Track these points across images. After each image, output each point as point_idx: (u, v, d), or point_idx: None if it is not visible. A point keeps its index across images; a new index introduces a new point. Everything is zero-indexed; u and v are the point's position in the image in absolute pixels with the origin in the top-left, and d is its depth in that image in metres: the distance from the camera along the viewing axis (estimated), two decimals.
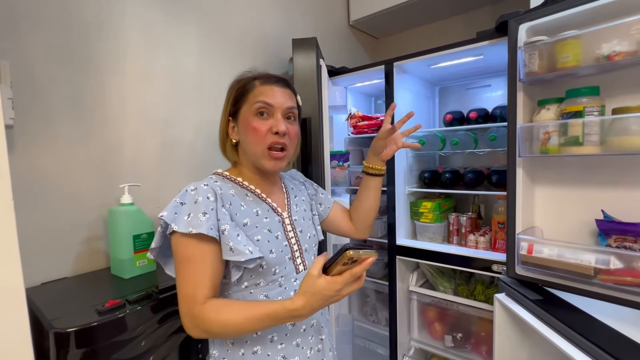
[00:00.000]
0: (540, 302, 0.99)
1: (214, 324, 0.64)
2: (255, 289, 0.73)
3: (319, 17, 1.87)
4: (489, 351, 1.45)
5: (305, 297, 0.61)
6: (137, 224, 0.94)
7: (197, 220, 0.66)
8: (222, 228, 0.68)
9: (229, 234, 0.67)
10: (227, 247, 0.67)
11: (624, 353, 0.74)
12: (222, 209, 0.70)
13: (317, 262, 0.62)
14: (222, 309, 0.65)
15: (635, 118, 0.86)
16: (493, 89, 1.73)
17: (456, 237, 1.59)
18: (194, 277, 0.66)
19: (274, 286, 0.74)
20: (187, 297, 0.66)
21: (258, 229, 0.74)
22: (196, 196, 0.68)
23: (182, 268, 0.67)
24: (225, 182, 0.77)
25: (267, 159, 0.75)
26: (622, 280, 0.88)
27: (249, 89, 0.77)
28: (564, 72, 0.95)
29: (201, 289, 0.66)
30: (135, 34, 1.11)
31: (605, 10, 0.89)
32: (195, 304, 0.65)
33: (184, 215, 0.66)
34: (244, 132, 0.76)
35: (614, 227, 0.96)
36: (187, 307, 0.66)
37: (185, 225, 0.65)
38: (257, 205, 0.77)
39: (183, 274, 0.67)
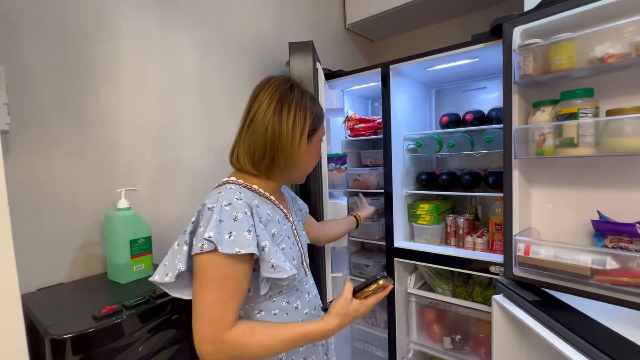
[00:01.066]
0: (538, 303, 0.99)
1: (248, 349, 0.62)
2: (278, 297, 0.74)
3: (315, 20, 1.88)
4: (488, 353, 1.45)
5: (339, 318, 0.69)
6: (134, 228, 0.94)
7: (244, 240, 0.62)
8: (263, 245, 0.66)
9: (269, 251, 0.66)
10: (269, 265, 0.66)
11: (621, 353, 0.74)
12: (260, 224, 0.68)
13: (349, 287, 0.73)
14: (256, 332, 0.64)
15: (629, 119, 0.86)
16: (489, 91, 1.74)
17: (454, 238, 1.59)
18: (225, 299, 0.62)
19: (292, 292, 0.76)
20: (213, 322, 0.61)
21: (282, 237, 0.75)
22: (233, 212, 0.64)
23: (211, 289, 0.62)
24: (246, 192, 0.72)
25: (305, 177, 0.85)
26: (618, 280, 0.88)
27: (322, 116, 0.82)
28: (558, 75, 0.96)
29: (231, 312, 0.62)
30: (132, 39, 1.11)
31: (599, 13, 0.90)
32: (224, 328, 0.61)
33: (225, 234, 0.62)
34: (311, 155, 0.81)
35: (609, 227, 0.96)
36: (213, 332, 0.61)
37: (229, 245, 0.61)
38: (277, 213, 0.77)
39: (210, 295, 0.61)
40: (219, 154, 1.37)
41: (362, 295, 0.73)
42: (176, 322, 0.81)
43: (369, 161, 1.99)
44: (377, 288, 0.73)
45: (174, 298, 0.80)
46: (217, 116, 1.37)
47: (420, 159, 1.80)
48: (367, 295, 0.73)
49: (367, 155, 2.01)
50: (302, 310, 0.77)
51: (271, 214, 0.74)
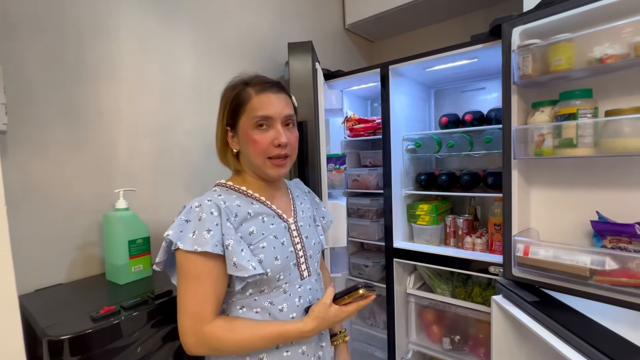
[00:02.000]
0: (537, 304, 0.99)
1: (226, 343, 0.66)
2: (259, 295, 0.73)
3: (314, 21, 1.88)
4: (487, 353, 1.45)
5: (316, 321, 0.71)
6: (132, 229, 0.93)
7: (202, 238, 0.66)
8: (227, 243, 0.68)
9: (232, 249, 0.68)
10: (231, 263, 0.67)
11: (620, 354, 0.74)
12: (226, 223, 0.69)
13: (329, 293, 0.74)
14: (235, 328, 0.68)
15: (628, 120, 0.86)
16: (488, 92, 1.74)
17: (453, 239, 1.59)
18: (200, 294, 0.66)
19: (278, 292, 0.74)
20: (192, 315, 0.66)
21: (264, 236, 0.74)
22: (200, 213, 0.68)
23: (187, 285, 0.67)
24: (229, 193, 0.76)
25: (269, 167, 0.76)
26: (617, 281, 0.88)
27: (245, 99, 0.75)
28: (557, 75, 0.96)
29: (208, 306, 0.67)
30: (131, 39, 1.11)
31: (597, 14, 0.90)
32: (202, 321, 0.66)
33: (189, 232, 0.66)
34: (244, 144, 0.76)
35: (608, 228, 0.96)
36: (193, 325, 0.66)
37: (190, 243, 0.65)
38: (263, 212, 0.77)
39: (187, 291, 0.67)
40: None
41: (342, 302, 0.74)
42: (175, 322, 0.81)
43: (369, 161, 1.99)
44: (356, 297, 0.73)
45: (172, 298, 0.80)
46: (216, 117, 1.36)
47: (419, 159, 1.80)
48: (346, 302, 0.74)
49: (367, 155, 2.00)
50: (288, 314, 0.74)
51: (252, 212, 0.75)
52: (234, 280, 0.71)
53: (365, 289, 0.73)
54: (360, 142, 2.01)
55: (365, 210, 1.84)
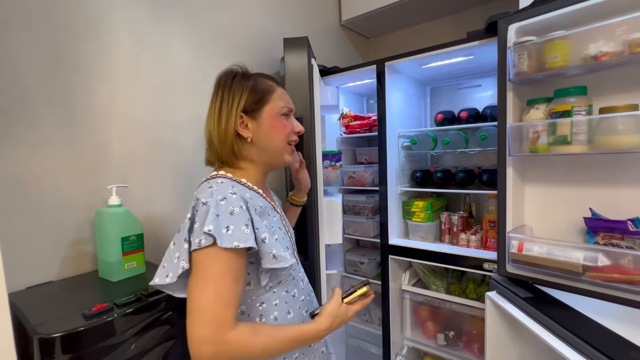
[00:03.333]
0: (531, 300, 1.00)
1: (252, 349, 0.61)
2: (277, 287, 0.75)
3: (310, 16, 1.87)
4: (481, 349, 1.47)
5: (330, 319, 0.71)
6: (125, 225, 0.92)
7: (242, 234, 0.62)
8: (262, 237, 0.67)
9: (269, 242, 0.68)
10: (270, 256, 0.67)
11: (612, 349, 0.75)
12: (256, 216, 0.68)
13: (339, 293, 0.76)
14: (259, 332, 0.63)
15: (622, 117, 0.87)
16: (483, 89, 1.75)
17: (448, 236, 1.60)
18: (225, 296, 0.60)
19: (289, 280, 0.78)
20: (215, 321, 0.58)
21: (274, 229, 0.76)
22: (229, 206, 0.64)
23: (209, 286, 0.59)
24: (237, 185, 0.73)
25: (288, 153, 0.82)
26: (609, 277, 0.89)
27: (270, 88, 0.79)
28: (553, 72, 0.96)
29: (232, 310, 0.60)
30: (123, 34, 1.09)
31: (592, 11, 0.90)
32: (226, 327, 0.58)
33: (223, 228, 0.61)
34: (269, 130, 0.77)
35: (601, 224, 0.97)
36: (215, 333, 0.57)
37: (228, 240, 0.60)
38: (267, 206, 0.78)
39: (209, 292, 0.59)
40: None
41: (348, 299, 0.77)
42: (169, 320, 0.80)
43: (364, 158, 1.98)
44: (362, 294, 0.78)
45: (166, 296, 0.80)
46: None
47: (415, 156, 1.80)
48: (352, 300, 0.77)
49: (362, 152, 2.00)
50: (299, 297, 0.80)
51: (263, 206, 0.75)
52: (259, 275, 0.71)
53: (369, 287, 0.78)
54: (356, 139, 2.01)
55: (360, 207, 1.84)
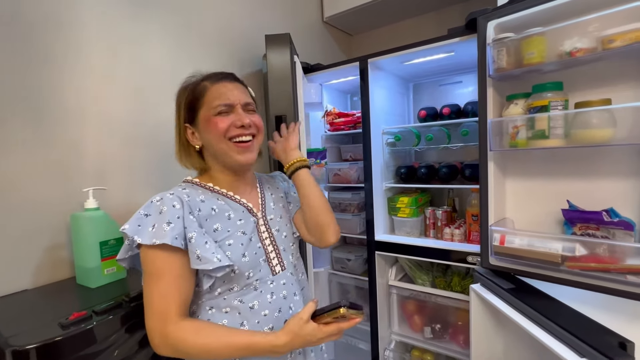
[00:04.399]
0: (513, 291, 1.02)
1: (191, 346, 0.63)
2: (229, 294, 0.71)
3: (292, 13, 1.85)
4: (466, 340, 1.50)
5: (289, 336, 0.65)
6: (104, 229, 0.89)
7: (162, 231, 0.64)
8: (189, 236, 0.66)
9: (196, 242, 0.66)
10: (195, 256, 0.66)
11: (588, 335, 0.78)
12: (189, 216, 0.68)
13: (309, 308, 0.67)
14: (202, 331, 0.65)
15: (596, 112, 0.90)
16: (464, 85, 1.77)
17: (432, 230, 1.62)
18: (165, 292, 0.64)
19: (248, 290, 0.73)
20: (158, 314, 0.64)
21: (230, 233, 0.73)
22: (161, 206, 0.66)
23: (151, 282, 0.65)
24: (195, 189, 0.75)
25: (235, 152, 0.74)
26: (586, 266, 0.92)
27: (202, 91, 0.75)
28: (530, 68, 0.98)
29: (173, 306, 0.65)
30: (97, 29, 1.05)
31: (567, 8, 0.92)
32: (168, 321, 0.64)
33: (149, 226, 0.65)
34: (206, 133, 0.74)
35: (578, 216, 1.00)
36: (158, 324, 0.64)
37: (149, 237, 0.63)
38: (229, 209, 0.76)
39: (152, 288, 0.65)
40: None
41: (322, 319, 0.67)
42: None
43: (349, 155, 1.99)
44: (337, 315, 0.65)
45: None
46: None
47: (399, 152, 1.82)
48: (326, 321, 0.67)
49: (347, 149, 2.00)
50: (260, 311, 0.72)
51: (217, 209, 0.74)
52: (202, 278, 0.69)
53: (349, 310, 0.65)
54: (340, 136, 2.01)
55: (346, 205, 1.84)
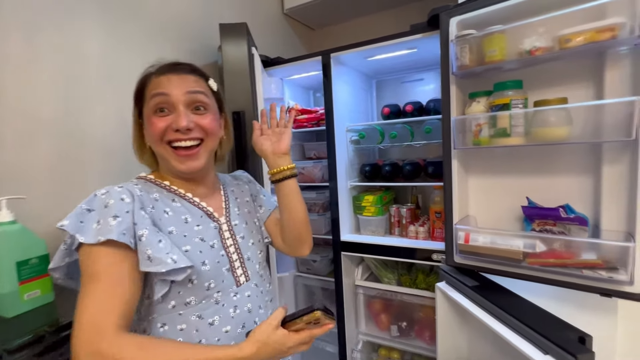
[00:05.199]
0: (477, 288, 1.03)
1: None
2: (185, 309, 0.62)
3: (250, 2, 1.74)
4: (432, 336, 1.51)
5: (256, 346, 0.57)
6: (22, 246, 0.74)
7: (107, 226, 0.55)
8: (140, 233, 0.57)
9: (147, 240, 0.57)
10: (145, 256, 0.56)
11: (549, 329, 0.79)
12: (140, 211, 0.59)
13: (278, 314, 0.61)
14: (147, 348, 0.52)
15: (554, 110, 0.91)
16: (426, 83, 1.78)
17: (397, 228, 1.61)
18: (102, 298, 0.52)
19: (208, 304, 0.64)
20: (88, 326, 0.50)
21: (187, 238, 0.64)
22: (107, 199, 0.57)
23: (87, 288, 0.53)
24: (149, 185, 0.67)
25: (175, 160, 0.65)
26: (546, 262, 0.94)
27: (145, 83, 0.67)
28: (492, 66, 0.98)
29: (109, 316, 0.52)
30: (12, 9, 0.88)
31: (527, 7, 0.93)
32: (101, 335, 0.50)
33: (92, 223, 0.55)
34: (146, 132, 0.67)
35: (536, 212, 1.03)
36: (89, 339, 0.50)
37: (93, 235, 0.54)
38: (186, 212, 0.68)
39: (86, 295, 0.53)
40: None
41: (293, 326, 0.60)
42: None
43: (313, 154, 1.93)
44: (311, 320, 0.60)
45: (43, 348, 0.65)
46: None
47: (363, 150, 1.79)
48: (298, 327, 0.61)
49: (311, 147, 1.94)
50: (221, 327, 0.64)
51: (171, 211, 0.66)
52: (154, 285, 0.59)
53: (323, 313, 0.59)
54: (303, 133, 1.94)
55: (311, 204, 1.79)
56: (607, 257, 0.87)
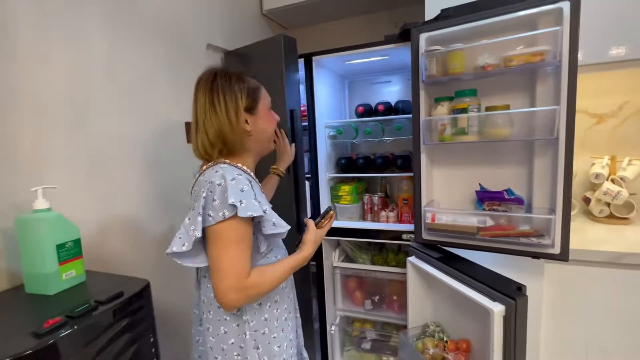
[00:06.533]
0: (441, 259, 1.26)
1: (264, 285, 0.80)
2: (270, 253, 0.91)
3: (231, 1, 1.81)
4: (401, 306, 1.74)
5: (312, 245, 0.90)
6: (60, 231, 0.81)
7: (254, 205, 0.77)
8: (264, 208, 0.80)
9: (270, 212, 0.81)
10: (271, 223, 0.81)
11: (496, 283, 1.03)
12: (259, 192, 0.84)
13: (312, 222, 0.94)
14: (265, 272, 0.81)
15: (500, 114, 1.16)
16: (393, 84, 2.00)
17: (370, 214, 1.82)
18: (243, 254, 0.78)
19: (278, 248, 0.96)
20: (236, 274, 0.76)
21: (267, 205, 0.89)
22: (239, 185, 0.78)
23: (231, 248, 0.76)
24: (238, 170, 0.86)
25: (272, 143, 1.00)
26: (494, 234, 1.19)
27: (259, 87, 0.93)
28: (454, 77, 1.20)
29: (247, 264, 0.78)
30: (24, 9, 0.91)
31: (481, 30, 1.15)
32: (245, 277, 0.77)
33: (237, 202, 0.75)
34: (265, 122, 0.94)
35: (486, 195, 1.28)
36: (237, 281, 0.75)
37: (243, 210, 0.75)
38: (259, 185, 0.93)
39: (231, 253, 0.76)
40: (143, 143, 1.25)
41: (321, 224, 0.97)
42: (131, 325, 0.76)
43: None
44: (328, 217, 0.98)
45: (125, 300, 0.76)
46: (135, 96, 1.23)
47: (339, 145, 1.97)
48: (323, 224, 0.97)
49: None
50: None
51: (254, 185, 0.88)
52: (259, 243, 0.86)
53: (333, 210, 1.01)
54: None
55: None
56: (537, 227, 1.15)
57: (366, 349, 1.86)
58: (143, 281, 0.84)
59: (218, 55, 1.70)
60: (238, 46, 1.72)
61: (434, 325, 1.37)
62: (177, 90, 1.41)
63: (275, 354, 0.90)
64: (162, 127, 1.34)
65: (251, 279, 0.78)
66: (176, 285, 1.36)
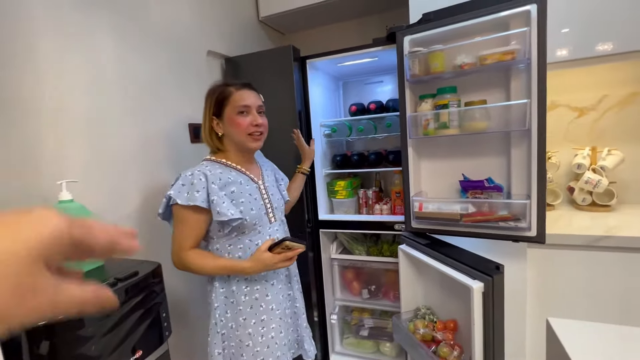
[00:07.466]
0: (428, 245, 1.35)
1: (193, 265, 1.00)
2: (242, 236, 1.06)
3: (231, 10, 1.92)
4: (396, 295, 1.84)
5: (252, 262, 1.01)
6: None
7: (193, 196, 0.96)
8: (212, 199, 0.98)
9: (216, 202, 0.98)
10: (216, 211, 0.98)
11: (477, 264, 1.13)
12: (212, 185, 0.99)
13: (267, 243, 1.02)
14: (203, 257, 1.02)
15: (477, 109, 1.26)
16: (385, 84, 2.10)
17: (365, 208, 1.92)
18: (184, 233, 1.00)
19: (254, 233, 1.07)
20: (178, 245, 1.01)
21: (242, 194, 1.06)
22: (192, 179, 0.98)
23: (177, 227, 1.01)
24: (213, 164, 1.07)
25: (250, 141, 1.08)
26: (476, 219, 1.29)
27: (228, 94, 1.06)
28: (435, 76, 1.30)
29: (187, 241, 1.01)
30: (44, 24, 1.02)
31: (459, 32, 1.25)
32: (182, 249, 1.00)
33: (185, 192, 0.97)
34: (230, 127, 1.06)
35: (469, 184, 1.37)
36: (177, 250, 1.01)
37: (184, 200, 0.96)
38: (240, 177, 1.08)
39: (177, 230, 1.01)
40: (151, 143, 1.35)
41: (275, 250, 0.99)
42: (145, 299, 0.87)
43: None
44: (284, 247, 0.98)
45: (141, 277, 0.86)
46: (142, 102, 1.34)
47: (334, 142, 2.07)
48: (279, 251, 0.99)
49: None
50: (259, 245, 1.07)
51: (233, 178, 1.06)
52: (223, 225, 1.02)
53: (292, 242, 0.98)
54: None
55: None
56: (515, 212, 1.24)
57: (364, 335, 1.96)
58: (155, 263, 0.94)
59: (218, 61, 1.81)
60: (237, 53, 1.83)
61: (424, 309, 1.46)
62: (180, 95, 1.52)
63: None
64: (167, 128, 1.45)
65: (188, 254, 0.99)
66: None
